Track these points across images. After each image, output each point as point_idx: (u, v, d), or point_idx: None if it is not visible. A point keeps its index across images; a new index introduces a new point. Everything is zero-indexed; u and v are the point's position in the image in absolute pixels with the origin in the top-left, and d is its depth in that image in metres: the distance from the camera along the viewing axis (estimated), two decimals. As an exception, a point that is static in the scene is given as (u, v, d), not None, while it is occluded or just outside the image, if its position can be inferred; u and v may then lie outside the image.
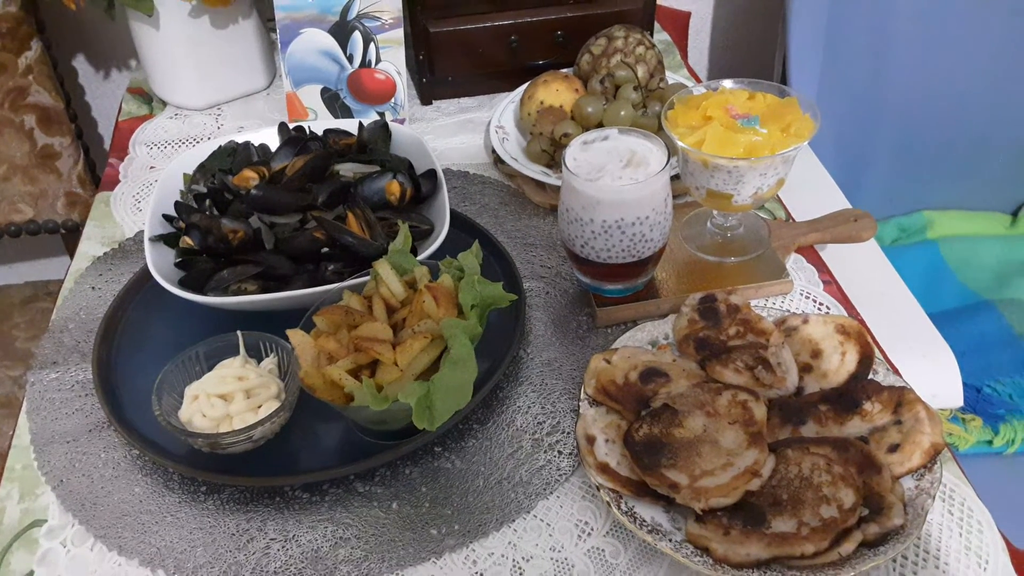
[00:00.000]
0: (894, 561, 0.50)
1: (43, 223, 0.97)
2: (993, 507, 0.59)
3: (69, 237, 1.02)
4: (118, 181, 0.81)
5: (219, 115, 0.89)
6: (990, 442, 0.86)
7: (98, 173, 1.01)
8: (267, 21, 0.93)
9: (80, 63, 1.04)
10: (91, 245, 0.74)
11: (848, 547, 0.47)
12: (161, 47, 0.85)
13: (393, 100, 0.85)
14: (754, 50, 1.18)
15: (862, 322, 0.65)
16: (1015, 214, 1.18)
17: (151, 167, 0.83)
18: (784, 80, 1.03)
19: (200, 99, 0.89)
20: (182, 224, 0.63)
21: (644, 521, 0.50)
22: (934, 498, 0.50)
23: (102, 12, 0.82)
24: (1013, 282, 1.07)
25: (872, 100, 1.06)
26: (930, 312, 1.04)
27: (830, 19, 1.01)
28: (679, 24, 1.07)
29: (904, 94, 1.06)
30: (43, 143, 0.93)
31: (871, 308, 0.68)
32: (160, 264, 0.60)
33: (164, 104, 0.91)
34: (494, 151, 0.81)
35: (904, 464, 0.52)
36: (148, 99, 0.92)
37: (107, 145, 1.04)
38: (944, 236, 1.15)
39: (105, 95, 1.06)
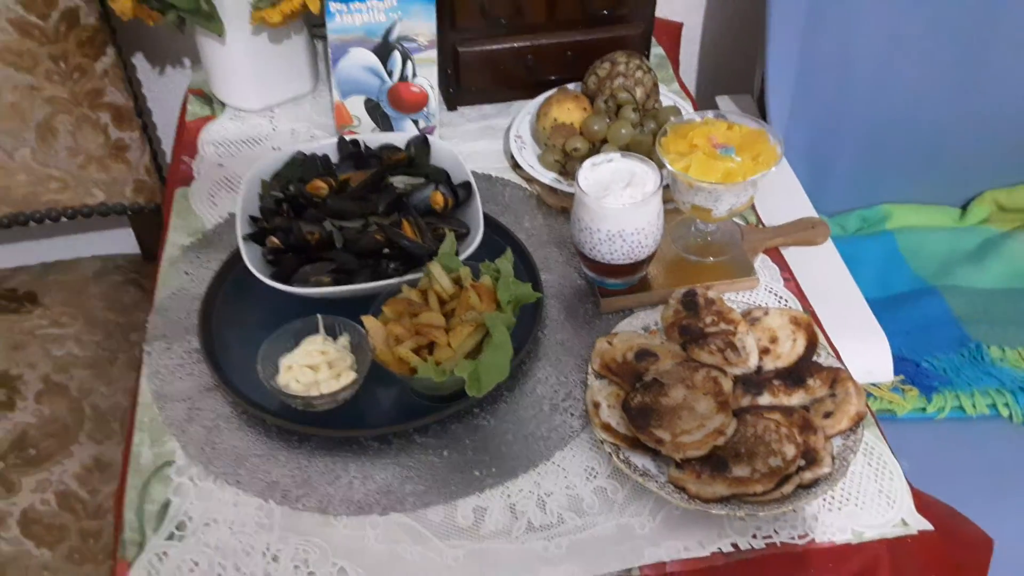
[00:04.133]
0: (824, 500, 0.67)
1: (112, 205, 1.11)
2: (919, 460, 0.75)
3: (134, 217, 1.16)
4: (192, 178, 0.95)
5: (272, 116, 1.02)
6: (924, 409, 1.03)
7: (160, 162, 1.14)
8: (312, 27, 1.06)
9: (141, 63, 1.17)
10: (178, 235, 0.88)
11: (788, 488, 0.64)
12: (224, 57, 0.98)
13: (426, 109, 0.98)
14: (738, 59, 1.31)
15: (812, 314, 0.81)
16: (964, 208, 1.34)
17: (219, 164, 0.96)
18: (762, 88, 1.17)
19: (256, 102, 1.02)
20: (266, 224, 0.78)
21: (637, 467, 0.66)
22: (856, 453, 0.67)
23: (169, 23, 0.95)
24: (956, 270, 1.23)
25: (840, 106, 1.20)
26: (882, 296, 1.21)
27: (804, 35, 1.13)
28: (672, 35, 1.21)
29: (868, 101, 1.20)
30: (116, 137, 1.06)
31: (822, 300, 0.84)
32: (252, 258, 0.75)
33: (223, 105, 1.04)
34: (513, 157, 0.95)
35: (835, 427, 0.68)
36: (208, 100, 1.05)
37: (168, 137, 1.17)
38: (900, 227, 1.30)
39: (165, 93, 1.19)
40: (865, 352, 0.88)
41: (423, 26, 0.93)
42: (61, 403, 0.95)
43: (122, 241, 1.25)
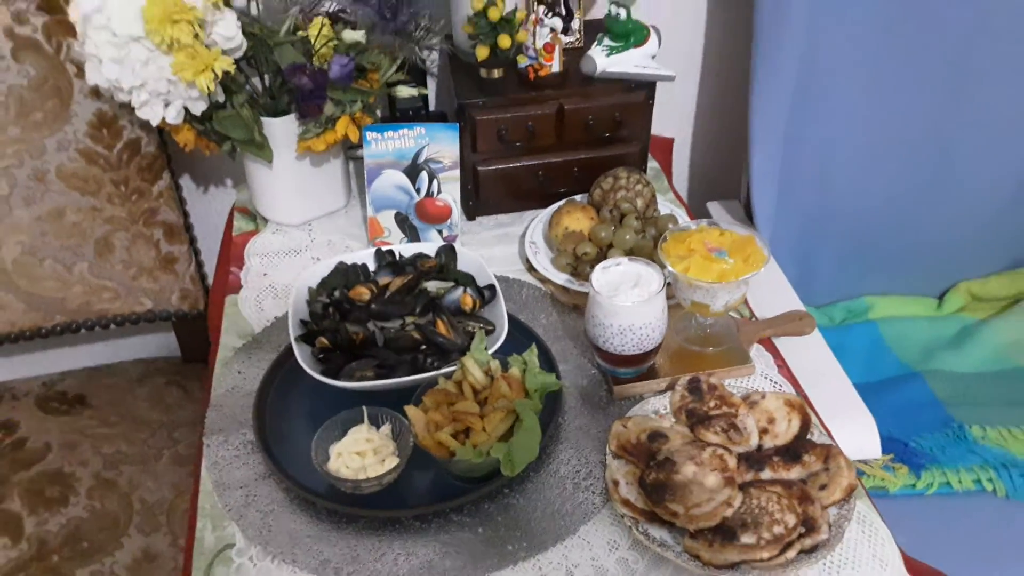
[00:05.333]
0: (823, 564, 0.74)
1: (159, 312, 1.21)
2: (911, 533, 0.82)
3: (178, 323, 1.26)
4: (240, 286, 1.05)
5: (311, 230, 1.14)
6: (914, 485, 1.10)
7: (202, 272, 1.25)
8: (347, 150, 1.18)
9: (188, 184, 1.29)
10: (229, 338, 0.97)
11: (791, 554, 0.71)
12: (269, 179, 1.10)
13: (449, 220, 1.10)
14: (725, 168, 1.45)
15: (804, 396, 0.90)
16: (941, 298, 1.44)
17: (264, 274, 1.06)
18: (748, 194, 1.29)
19: (296, 217, 1.14)
20: (315, 327, 0.87)
21: (655, 538, 0.74)
22: (850, 521, 0.74)
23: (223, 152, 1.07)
24: (937, 356, 1.33)
25: (820, 208, 1.32)
26: (869, 381, 1.30)
27: (785, 144, 1.26)
28: (664, 149, 1.34)
29: (846, 203, 1.32)
30: (166, 251, 1.17)
31: (813, 384, 0.93)
32: (303, 357, 0.84)
33: (266, 221, 1.15)
34: (528, 260, 1.06)
35: (830, 498, 0.76)
36: (253, 217, 1.16)
37: (208, 249, 1.28)
38: (883, 317, 1.41)
39: (208, 210, 1.31)
40: (854, 431, 0.96)
41: (448, 150, 1.06)
42: (111, 498, 1.02)
43: (161, 344, 1.34)
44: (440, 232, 1.09)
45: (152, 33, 0.90)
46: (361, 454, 0.78)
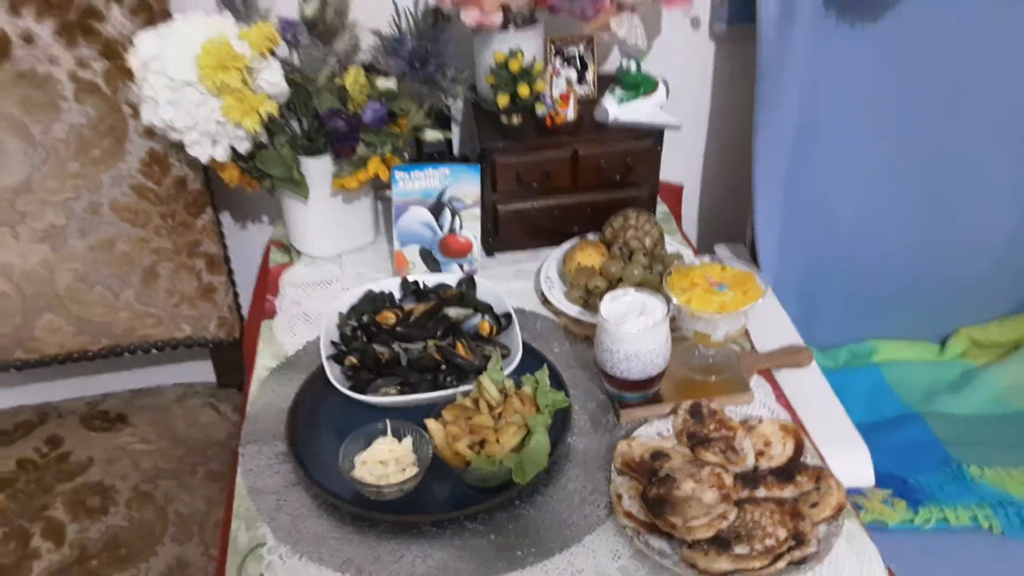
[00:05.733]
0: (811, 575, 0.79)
1: (197, 339, 1.29)
2: (908, 567, 0.86)
3: (214, 349, 1.33)
4: (275, 312, 1.13)
5: (341, 262, 1.22)
6: (911, 520, 1.14)
7: (239, 302, 1.33)
8: (376, 190, 1.27)
9: (228, 219, 1.39)
10: (265, 359, 1.05)
11: (781, 564, 0.76)
12: (304, 214, 1.19)
13: (470, 255, 1.17)
14: (732, 213, 1.52)
15: (800, 424, 0.95)
16: (942, 344, 1.49)
17: (297, 302, 1.14)
18: (752, 237, 1.36)
19: (328, 250, 1.22)
20: (344, 348, 0.95)
21: (654, 548, 0.79)
22: (839, 536, 0.79)
23: (263, 188, 1.16)
24: (938, 398, 1.37)
25: (822, 253, 1.39)
26: (871, 421, 1.34)
27: (787, 190, 1.32)
28: (674, 195, 1.42)
29: (846, 248, 1.39)
30: (207, 281, 1.26)
31: (809, 413, 0.98)
32: (333, 374, 0.91)
33: (299, 253, 1.24)
34: (543, 294, 1.13)
35: (820, 515, 0.81)
36: (287, 250, 1.25)
37: (244, 279, 1.36)
38: (886, 360, 1.46)
39: (245, 244, 1.40)
40: (848, 459, 1.01)
41: (470, 189, 1.14)
42: (148, 509, 1.09)
43: (198, 370, 1.42)
44: (461, 266, 1.17)
45: (205, 78, 1.00)
46: (384, 463, 0.84)
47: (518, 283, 1.18)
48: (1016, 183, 1.34)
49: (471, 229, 1.16)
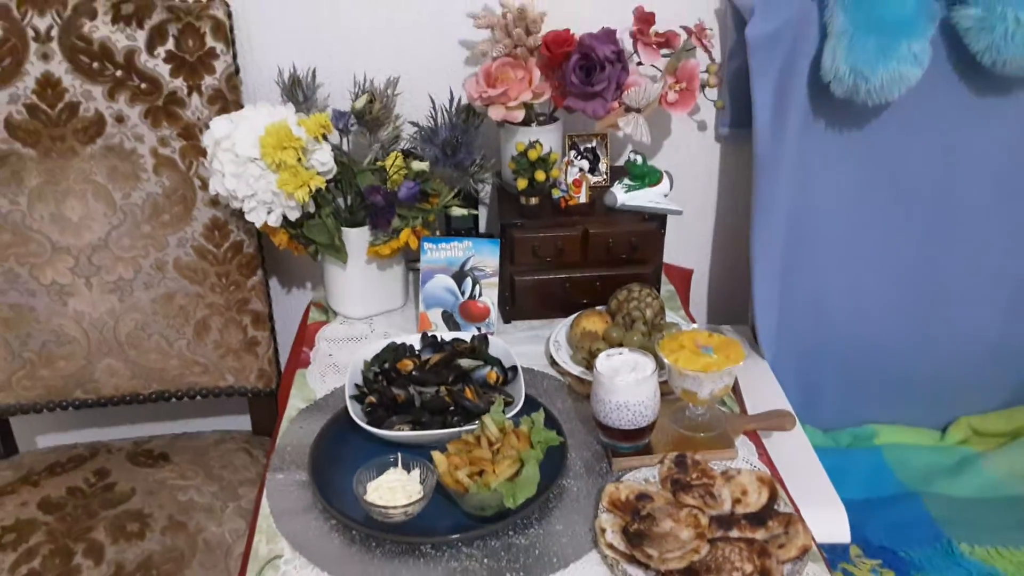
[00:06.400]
0: (780, 612, 0.85)
1: (238, 388, 1.42)
2: None
3: (252, 399, 1.46)
4: (309, 363, 1.25)
5: (371, 323, 1.35)
6: (900, 591, 1.18)
7: (279, 357, 1.47)
8: (408, 262, 1.41)
9: (274, 282, 1.54)
10: (296, 401, 1.17)
11: (747, 595, 0.83)
12: (342, 278, 1.33)
13: (488, 320, 1.29)
14: (739, 297, 1.62)
15: (780, 480, 1.02)
16: (944, 431, 1.54)
17: (329, 355, 1.27)
18: (753, 320, 1.46)
19: (361, 312, 1.35)
20: (365, 390, 1.06)
21: (632, 576, 0.87)
22: (802, 575, 0.86)
23: (308, 253, 1.31)
24: (936, 480, 1.41)
25: (818, 339, 1.47)
26: (867, 498, 1.39)
27: (783, 278, 1.42)
28: (684, 277, 1.53)
29: (841, 336, 1.47)
30: (251, 335, 1.39)
31: (790, 471, 1.05)
32: (354, 411, 1.02)
33: (335, 313, 1.37)
34: (551, 356, 1.24)
35: (786, 555, 0.87)
36: (325, 310, 1.39)
37: (288, 337, 1.50)
38: (887, 443, 1.51)
39: (287, 305, 1.55)
40: (824, 516, 1.07)
41: (490, 260, 1.27)
42: (181, 537, 1.19)
43: (235, 423, 1.54)
44: (479, 330, 1.29)
45: (266, 155, 1.17)
46: (392, 490, 0.94)
47: (530, 347, 1.29)
48: (1004, 274, 1.42)
49: (489, 296, 1.29)
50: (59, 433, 1.67)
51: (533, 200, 1.32)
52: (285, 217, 1.23)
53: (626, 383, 1.00)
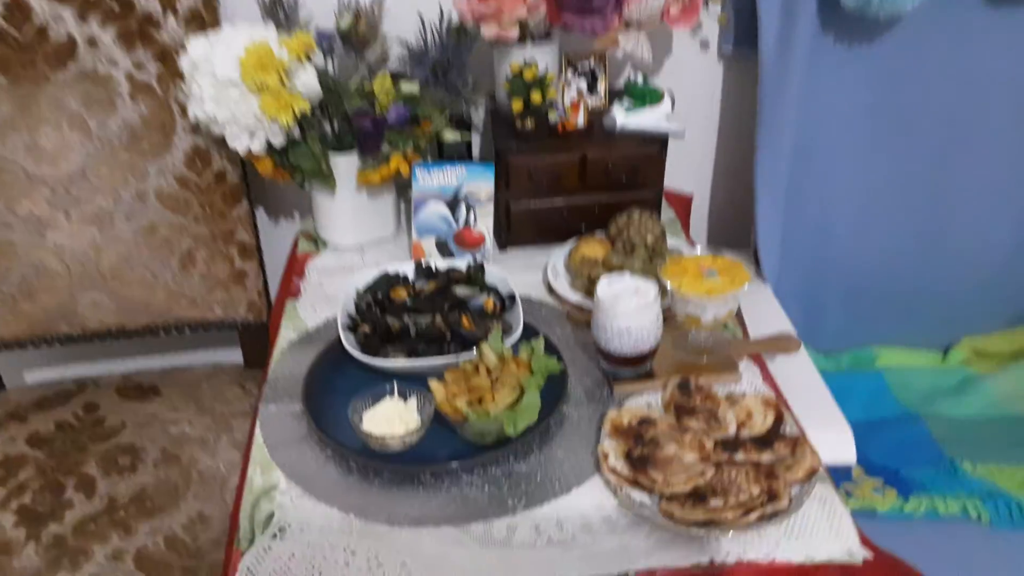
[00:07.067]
0: (785, 532, 0.83)
1: (228, 321, 1.38)
2: (896, 554, 0.90)
3: (243, 332, 1.43)
4: (300, 293, 1.22)
5: (363, 253, 1.31)
6: (901, 508, 1.17)
7: (268, 289, 1.43)
8: (398, 187, 1.36)
9: (261, 213, 1.49)
10: (287, 333, 1.13)
11: (753, 517, 0.81)
12: (331, 207, 1.29)
13: (482, 248, 1.26)
14: (739, 221, 1.58)
15: (784, 402, 1.00)
16: (945, 352, 1.53)
17: (320, 285, 1.23)
18: (755, 245, 1.43)
19: (351, 241, 1.31)
20: (358, 320, 1.03)
21: (636, 500, 0.85)
22: (810, 496, 0.84)
23: (295, 182, 1.26)
24: (937, 401, 1.41)
25: (822, 260, 1.44)
26: (869, 419, 1.38)
27: (788, 198, 1.39)
28: (684, 203, 1.49)
29: (846, 256, 1.44)
30: (239, 267, 1.35)
31: (794, 393, 1.03)
32: (348, 341, 0.99)
33: (325, 243, 1.33)
34: (549, 284, 1.21)
35: (793, 477, 0.86)
36: (315, 240, 1.34)
37: (277, 268, 1.46)
38: (888, 366, 1.50)
39: (276, 236, 1.51)
40: (830, 437, 1.06)
41: (484, 187, 1.23)
42: (174, 469, 1.17)
43: (227, 353, 1.51)
44: (474, 257, 1.25)
45: (246, 77, 1.11)
46: (389, 419, 0.92)
47: (527, 275, 1.25)
48: (1015, 196, 1.39)
49: (484, 223, 1.25)
50: (47, 368, 1.64)
51: (528, 123, 1.27)
52: (269, 143, 1.18)
53: (628, 308, 0.97)
